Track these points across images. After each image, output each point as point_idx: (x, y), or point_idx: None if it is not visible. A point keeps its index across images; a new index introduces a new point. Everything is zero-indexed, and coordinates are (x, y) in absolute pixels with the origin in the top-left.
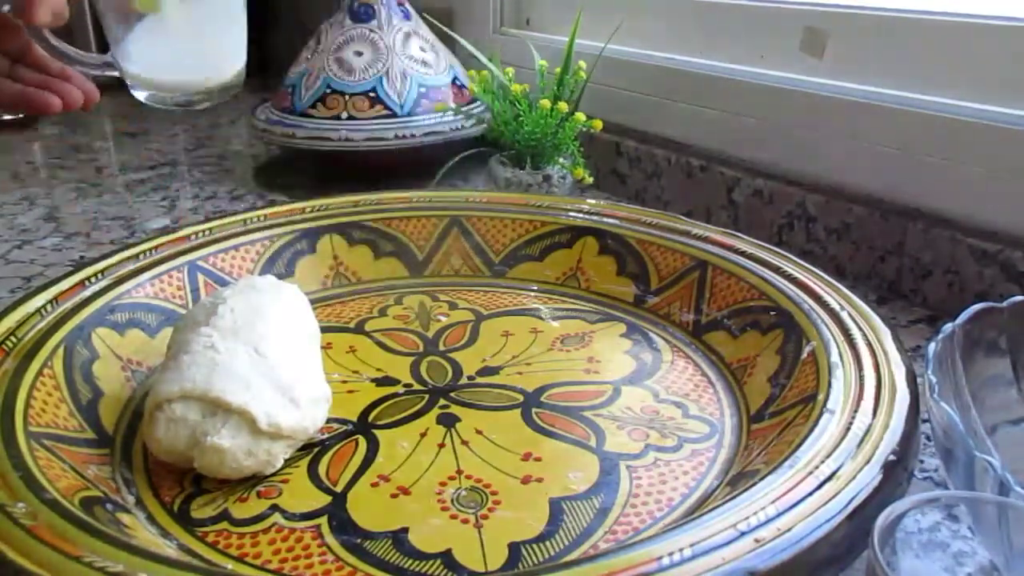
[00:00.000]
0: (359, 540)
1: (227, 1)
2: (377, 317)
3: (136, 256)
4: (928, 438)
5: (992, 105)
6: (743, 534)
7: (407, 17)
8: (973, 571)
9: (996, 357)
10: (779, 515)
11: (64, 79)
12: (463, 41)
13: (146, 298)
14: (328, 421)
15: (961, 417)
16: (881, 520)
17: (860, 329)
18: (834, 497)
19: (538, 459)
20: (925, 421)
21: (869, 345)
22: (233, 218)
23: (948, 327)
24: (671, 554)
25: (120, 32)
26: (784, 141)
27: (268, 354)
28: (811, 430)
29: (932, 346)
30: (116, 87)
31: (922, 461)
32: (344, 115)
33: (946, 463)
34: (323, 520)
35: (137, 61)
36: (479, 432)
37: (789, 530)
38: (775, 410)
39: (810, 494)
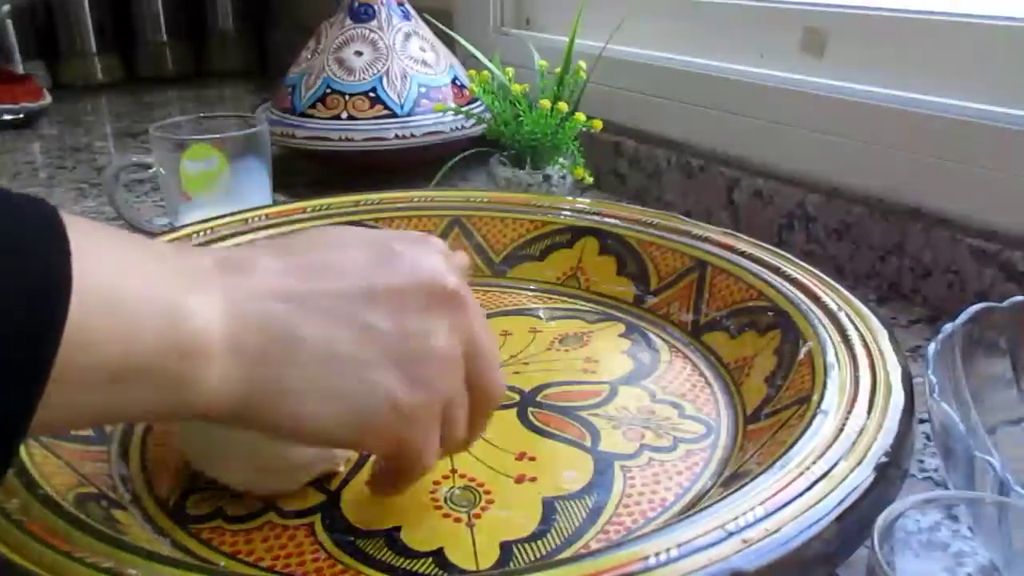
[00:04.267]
0: (352, 538)
1: (254, 180)
2: None
3: None
4: (928, 438)
5: (993, 105)
6: (731, 534)
7: (407, 17)
8: (973, 571)
9: (996, 357)
10: (768, 516)
11: None
12: (463, 41)
13: None
14: None
15: (961, 417)
16: (881, 520)
17: (857, 330)
18: (824, 498)
19: (532, 459)
20: (925, 421)
21: (865, 346)
22: (234, 217)
23: (948, 327)
24: (657, 554)
25: (178, 207)
26: (784, 141)
27: None
28: (804, 431)
29: (932, 346)
30: (118, 86)
31: (922, 461)
32: (344, 115)
33: (946, 463)
34: (316, 518)
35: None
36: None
37: (777, 531)
38: (771, 411)
39: (800, 495)
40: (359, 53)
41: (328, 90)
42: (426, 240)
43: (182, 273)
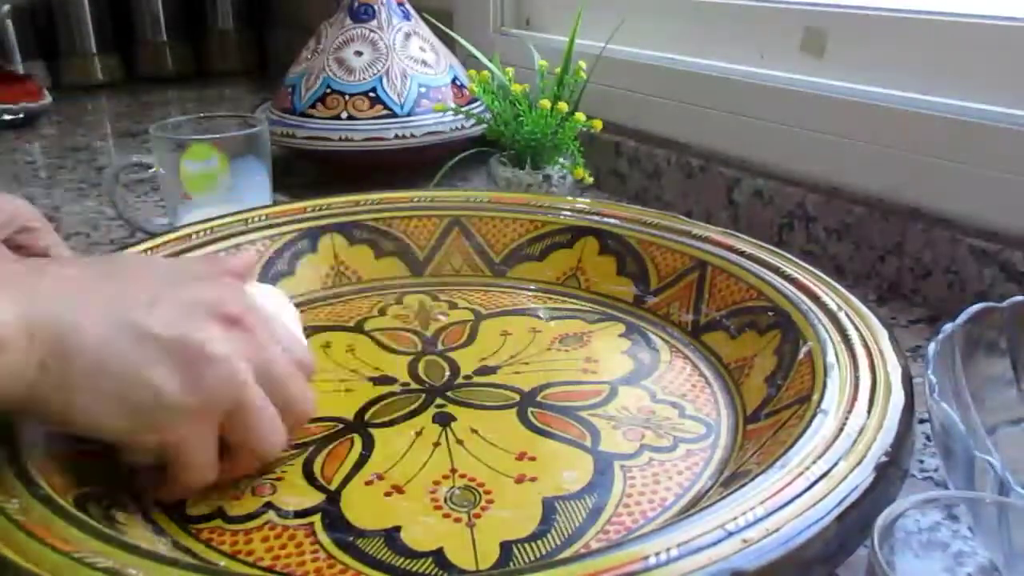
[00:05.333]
0: (352, 538)
1: (254, 180)
2: (377, 316)
3: None
4: (928, 438)
5: (992, 105)
6: (731, 534)
7: (407, 17)
8: (973, 571)
9: (996, 357)
10: (768, 515)
11: None
12: (463, 41)
13: None
14: (323, 420)
15: (961, 417)
16: (881, 520)
17: (857, 330)
18: (824, 497)
19: (532, 459)
20: (925, 421)
21: (865, 346)
22: (234, 217)
23: (948, 327)
24: (658, 554)
25: (178, 207)
26: (784, 141)
27: None
28: (804, 430)
29: (932, 346)
30: (118, 86)
31: (922, 461)
32: (344, 115)
33: (946, 463)
34: (316, 518)
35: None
36: (474, 431)
37: (777, 531)
38: (771, 411)
39: (800, 495)
40: (359, 53)
41: (328, 90)
42: (220, 268)
43: None
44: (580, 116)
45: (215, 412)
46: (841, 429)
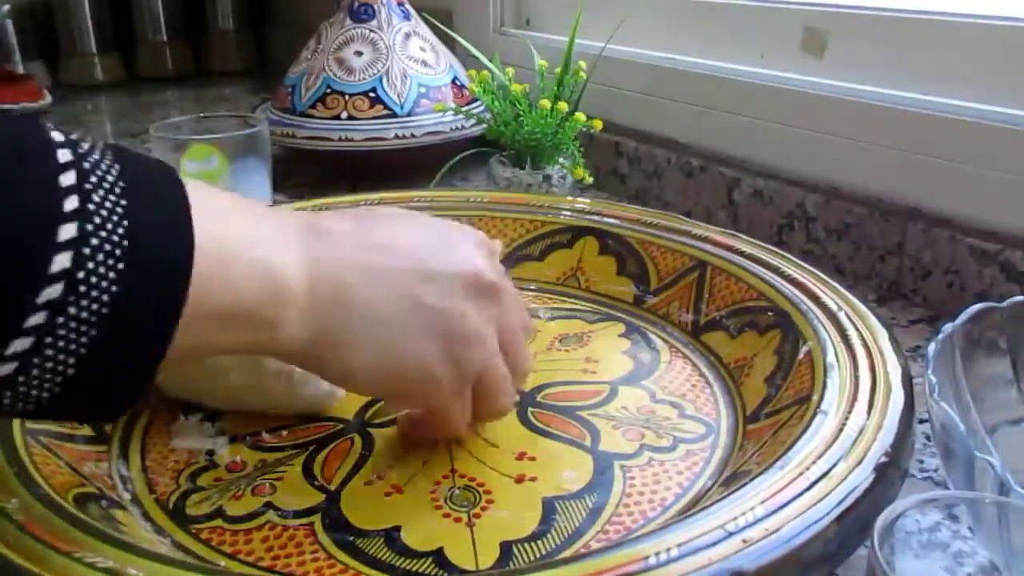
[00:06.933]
0: (352, 538)
1: (254, 180)
2: None
3: None
4: (928, 438)
5: (992, 105)
6: (731, 534)
7: (407, 17)
8: (973, 571)
9: (996, 357)
10: (768, 516)
11: None
12: (463, 41)
13: None
14: (324, 420)
15: (961, 417)
16: (881, 520)
17: (857, 330)
18: (824, 498)
19: (532, 458)
20: (925, 421)
21: (865, 346)
22: None
23: (948, 327)
24: (658, 554)
25: None
26: (784, 141)
27: None
28: (804, 431)
29: (932, 346)
30: (118, 86)
31: (922, 461)
32: (344, 115)
33: (946, 463)
34: (316, 518)
35: None
36: (474, 431)
37: (777, 531)
38: (771, 411)
39: (800, 495)
40: (359, 53)
41: (328, 90)
42: (475, 237)
43: (274, 237)
44: (580, 116)
45: (469, 379)
46: (841, 429)
